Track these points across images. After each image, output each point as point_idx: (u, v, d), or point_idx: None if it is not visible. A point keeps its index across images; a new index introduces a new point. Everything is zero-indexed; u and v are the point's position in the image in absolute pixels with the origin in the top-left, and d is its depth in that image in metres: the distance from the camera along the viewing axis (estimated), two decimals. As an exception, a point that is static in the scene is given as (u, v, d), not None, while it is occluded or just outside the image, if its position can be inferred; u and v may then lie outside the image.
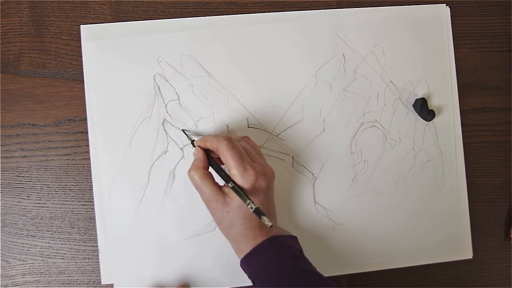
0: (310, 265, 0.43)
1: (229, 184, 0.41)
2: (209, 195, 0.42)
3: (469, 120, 0.54)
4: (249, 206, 0.39)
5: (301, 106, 0.51)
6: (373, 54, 0.52)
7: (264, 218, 0.39)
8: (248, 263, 0.43)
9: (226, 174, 0.42)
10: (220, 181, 0.43)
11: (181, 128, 0.50)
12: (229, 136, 0.43)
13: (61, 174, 0.50)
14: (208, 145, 0.44)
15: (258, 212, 0.39)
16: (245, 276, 0.43)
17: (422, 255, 0.52)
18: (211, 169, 0.44)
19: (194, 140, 0.47)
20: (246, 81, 0.51)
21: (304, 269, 0.42)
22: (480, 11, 0.55)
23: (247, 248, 0.42)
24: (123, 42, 0.50)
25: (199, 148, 0.45)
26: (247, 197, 0.40)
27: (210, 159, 0.44)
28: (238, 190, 0.40)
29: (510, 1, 0.56)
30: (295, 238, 0.46)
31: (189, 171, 0.43)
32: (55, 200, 0.49)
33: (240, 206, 0.41)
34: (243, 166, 0.41)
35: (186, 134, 0.49)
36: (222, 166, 0.44)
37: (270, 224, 0.38)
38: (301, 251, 0.45)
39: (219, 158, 0.44)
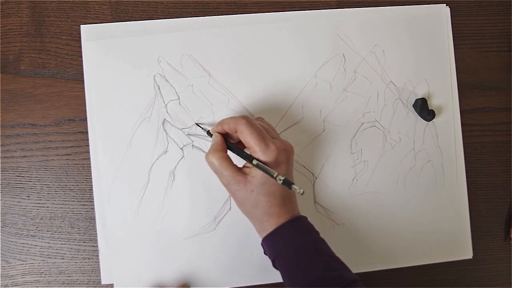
0: (329, 249, 0.43)
1: (253, 162, 0.41)
2: (229, 177, 0.42)
3: (469, 120, 0.54)
4: (277, 178, 0.39)
5: (301, 106, 0.51)
6: (373, 54, 0.52)
7: (294, 186, 0.39)
8: (270, 242, 0.42)
9: (248, 154, 0.42)
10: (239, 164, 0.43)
11: (193, 124, 0.50)
12: (246, 115, 0.43)
13: (61, 174, 0.50)
14: (226, 128, 0.43)
15: (287, 182, 0.39)
16: (245, 276, 0.43)
17: (422, 255, 0.52)
18: (230, 154, 0.44)
19: (209, 130, 0.47)
20: (246, 81, 0.51)
21: (324, 252, 0.42)
22: (480, 11, 0.55)
23: (271, 227, 0.42)
24: (123, 42, 0.50)
25: (216, 134, 0.44)
26: (273, 170, 0.40)
27: (229, 143, 0.44)
28: (263, 165, 0.40)
29: (510, 1, 0.56)
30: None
31: (207, 155, 0.43)
32: (55, 200, 0.49)
33: (263, 183, 0.41)
34: (264, 142, 0.41)
35: (201, 127, 0.49)
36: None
37: (302, 191, 0.38)
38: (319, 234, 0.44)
39: (236, 144, 0.44)
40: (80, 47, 0.50)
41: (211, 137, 0.46)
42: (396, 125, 0.53)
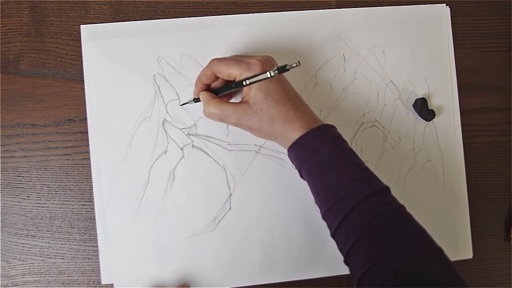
0: (357, 158, 0.42)
1: (245, 83, 0.41)
2: (235, 113, 0.42)
3: (469, 120, 0.54)
4: (270, 75, 0.39)
5: (301, 106, 0.51)
6: (373, 54, 0.52)
7: (289, 64, 0.38)
8: (295, 151, 0.42)
9: (236, 82, 0.42)
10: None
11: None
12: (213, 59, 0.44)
13: (61, 174, 0.50)
14: (204, 79, 0.44)
15: (281, 68, 0.39)
16: (245, 276, 0.43)
17: (422, 255, 0.52)
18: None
19: (194, 98, 0.47)
20: (246, 81, 0.51)
21: (352, 160, 0.41)
22: (480, 11, 0.55)
23: (295, 134, 0.41)
24: (123, 42, 0.50)
25: (202, 92, 0.45)
26: (264, 72, 0.40)
27: (214, 91, 0.45)
28: (254, 77, 0.41)
29: (510, 1, 0.56)
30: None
31: (204, 111, 0.44)
32: (55, 200, 0.49)
33: (266, 96, 0.41)
34: (244, 62, 0.41)
35: (187, 102, 0.49)
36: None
37: (297, 61, 0.38)
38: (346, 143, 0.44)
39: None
40: (80, 47, 0.50)
41: (199, 101, 0.46)
42: (396, 125, 0.53)
